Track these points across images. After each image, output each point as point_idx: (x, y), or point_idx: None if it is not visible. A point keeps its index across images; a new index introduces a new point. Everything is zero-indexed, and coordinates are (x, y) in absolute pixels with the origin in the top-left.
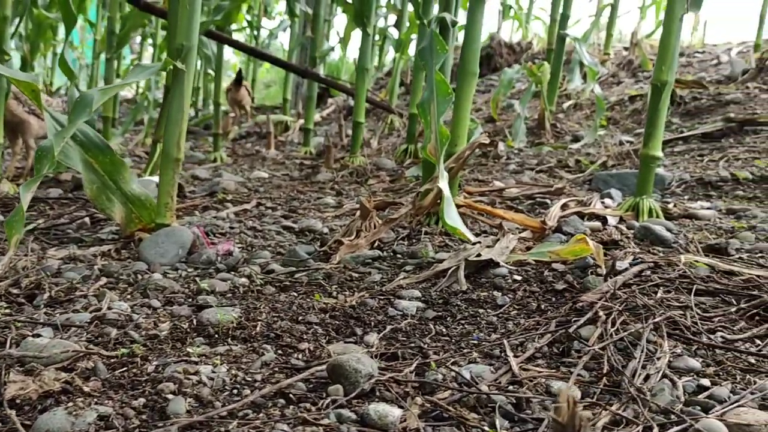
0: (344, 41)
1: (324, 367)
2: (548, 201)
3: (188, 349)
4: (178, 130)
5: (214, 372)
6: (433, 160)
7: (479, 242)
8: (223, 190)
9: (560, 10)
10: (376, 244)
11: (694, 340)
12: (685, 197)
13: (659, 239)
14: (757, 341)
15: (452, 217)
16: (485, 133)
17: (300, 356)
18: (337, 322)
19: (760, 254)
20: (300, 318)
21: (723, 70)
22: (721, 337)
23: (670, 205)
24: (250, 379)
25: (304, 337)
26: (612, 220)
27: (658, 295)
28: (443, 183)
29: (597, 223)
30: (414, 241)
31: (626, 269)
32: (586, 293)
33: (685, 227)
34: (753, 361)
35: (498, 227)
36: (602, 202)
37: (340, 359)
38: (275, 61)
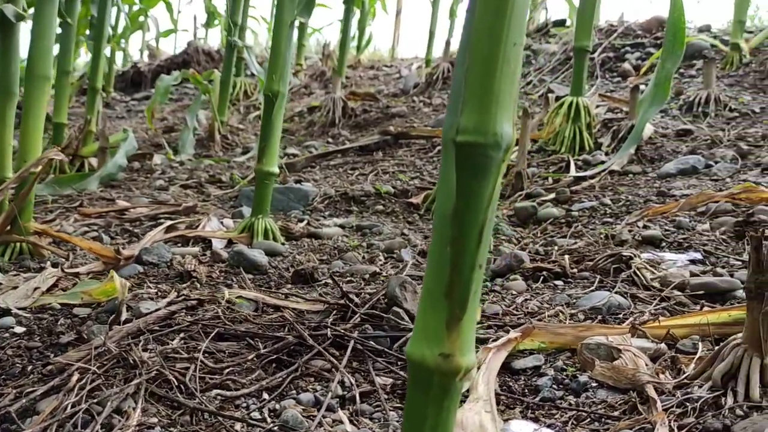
0: None
1: None
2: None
3: None
4: None
5: None
6: None
7: (1, 284)
8: None
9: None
10: None
11: (181, 403)
12: (326, 213)
13: (253, 265)
14: (265, 394)
15: None
16: (53, 149)
17: None
18: None
19: (348, 279)
20: None
21: (402, 83)
22: (219, 395)
23: (302, 224)
24: None
25: None
26: (218, 244)
27: (174, 343)
28: None
29: (194, 249)
30: None
31: (155, 311)
32: (76, 348)
33: (301, 248)
34: (239, 428)
35: (66, 258)
36: (221, 223)
37: None
38: None
